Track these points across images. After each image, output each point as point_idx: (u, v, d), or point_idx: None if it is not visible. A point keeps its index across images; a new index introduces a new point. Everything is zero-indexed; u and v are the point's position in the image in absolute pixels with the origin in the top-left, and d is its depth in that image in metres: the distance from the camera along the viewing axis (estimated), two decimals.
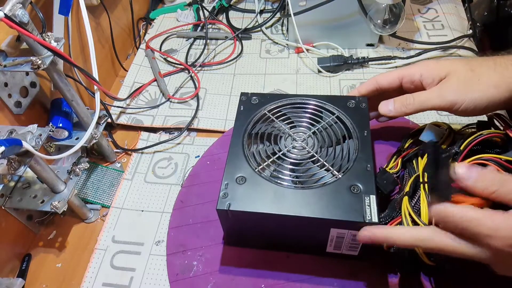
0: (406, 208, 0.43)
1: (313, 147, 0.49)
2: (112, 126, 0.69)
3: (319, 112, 0.53)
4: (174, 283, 0.50)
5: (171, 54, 0.81)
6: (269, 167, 0.47)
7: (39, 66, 0.46)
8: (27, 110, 0.55)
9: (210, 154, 0.63)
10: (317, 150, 0.49)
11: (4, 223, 0.52)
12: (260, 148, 0.49)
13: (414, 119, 0.63)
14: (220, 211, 0.43)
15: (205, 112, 0.70)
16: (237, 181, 0.45)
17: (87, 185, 0.62)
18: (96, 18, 0.72)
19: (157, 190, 0.61)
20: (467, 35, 0.76)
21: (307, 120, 0.52)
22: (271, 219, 0.43)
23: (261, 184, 0.45)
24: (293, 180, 0.45)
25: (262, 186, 0.44)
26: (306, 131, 0.51)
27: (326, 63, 0.74)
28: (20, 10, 0.42)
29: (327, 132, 0.50)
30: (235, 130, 0.51)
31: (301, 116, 0.53)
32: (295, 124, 0.52)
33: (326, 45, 0.78)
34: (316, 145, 0.49)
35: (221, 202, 0.43)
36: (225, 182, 0.45)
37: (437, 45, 0.74)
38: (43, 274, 0.54)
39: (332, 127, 0.51)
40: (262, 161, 0.48)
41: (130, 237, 0.56)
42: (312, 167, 0.47)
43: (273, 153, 0.49)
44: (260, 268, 0.50)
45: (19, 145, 0.42)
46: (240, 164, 0.47)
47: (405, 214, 0.43)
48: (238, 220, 0.45)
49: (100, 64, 0.73)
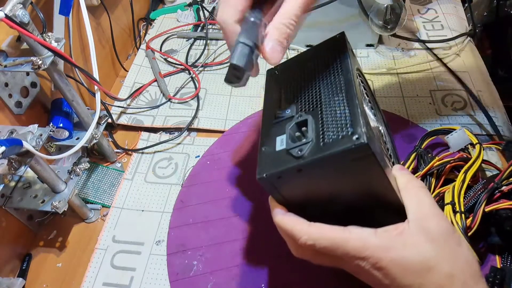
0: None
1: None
2: (112, 126, 0.69)
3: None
4: (174, 282, 0.50)
5: (172, 54, 0.82)
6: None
7: (39, 66, 0.46)
8: (28, 110, 0.55)
9: (210, 154, 0.63)
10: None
11: (5, 223, 0.52)
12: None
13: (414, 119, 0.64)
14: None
15: (205, 112, 0.70)
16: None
17: (87, 185, 0.62)
18: (96, 19, 0.72)
19: (157, 190, 0.61)
20: (467, 33, 0.76)
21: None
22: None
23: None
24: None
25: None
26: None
27: None
28: (20, 10, 0.42)
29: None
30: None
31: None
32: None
33: None
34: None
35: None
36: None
37: (437, 45, 0.74)
38: (44, 274, 0.54)
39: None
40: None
41: (131, 237, 0.56)
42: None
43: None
44: (260, 268, 0.50)
45: (19, 145, 0.42)
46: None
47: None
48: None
49: (101, 64, 0.73)
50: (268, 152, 0.37)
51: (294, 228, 0.35)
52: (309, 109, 0.38)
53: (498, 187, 0.45)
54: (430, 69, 0.72)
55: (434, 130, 0.56)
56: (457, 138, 0.53)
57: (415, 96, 0.68)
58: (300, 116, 0.37)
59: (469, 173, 0.48)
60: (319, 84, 0.40)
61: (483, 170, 0.55)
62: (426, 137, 0.56)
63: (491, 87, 0.67)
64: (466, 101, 0.66)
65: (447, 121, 0.64)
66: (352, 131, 0.32)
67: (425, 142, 0.55)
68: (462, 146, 0.53)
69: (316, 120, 0.36)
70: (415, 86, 0.70)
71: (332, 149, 0.32)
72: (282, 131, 0.37)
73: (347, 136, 0.32)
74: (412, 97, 0.68)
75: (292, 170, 0.34)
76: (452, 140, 0.53)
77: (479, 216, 0.44)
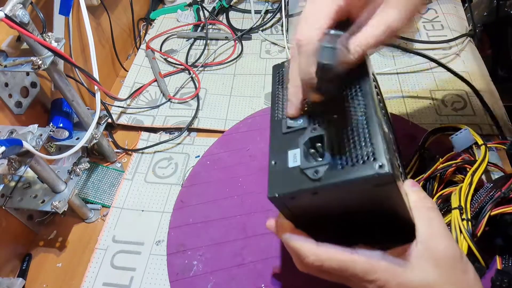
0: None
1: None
2: (112, 126, 0.69)
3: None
4: (174, 282, 0.50)
5: (172, 54, 0.82)
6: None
7: (39, 66, 0.46)
8: (28, 110, 0.55)
9: (210, 154, 0.63)
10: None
11: (5, 223, 0.52)
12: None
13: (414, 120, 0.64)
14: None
15: (205, 112, 0.70)
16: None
17: (87, 185, 0.62)
18: (96, 19, 0.72)
19: (157, 190, 0.61)
20: (467, 34, 0.76)
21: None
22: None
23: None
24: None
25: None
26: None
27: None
28: (20, 10, 0.42)
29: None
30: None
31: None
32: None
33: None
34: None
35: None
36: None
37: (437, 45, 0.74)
38: (44, 274, 0.54)
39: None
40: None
41: (131, 237, 0.56)
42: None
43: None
44: (260, 268, 0.50)
45: (19, 145, 0.42)
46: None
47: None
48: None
49: (101, 64, 0.73)
50: (280, 169, 0.34)
51: (302, 247, 0.35)
52: (322, 121, 0.35)
53: (505, 196, 0.45)
54: (430, 69, 0.72)
55: (437, 128, 0.56)
56: (462, 138, 0.52)
57: (415, 96, 0.68)
58: (314, 130, 0.35)
59: (476, 175, 0.47)
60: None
61: (487, 171, 0.55)
62: (428, 136, 0.55)
63: (491, 87, 0.67)
64: (466, 101, 0.66)
65: (447, 121, 0.64)
66: (374, 157, 0.30)
67: (428, 141, 0.55)
68: (466, 146, 0.53)
69: (331, 137, 0.34)
70: (415, 86, 0.70)
71: (352, 175, 0.30)
72: (295, 145, 0.35)
73: (369, 162, 0.30)
74: (412, 97, 0.68)
75: (307, 192, 0.32)
76: (457, 140, 0.53)
77: (482, 224, 0.44)
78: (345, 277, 0.34)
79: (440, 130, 0.56)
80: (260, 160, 0.61)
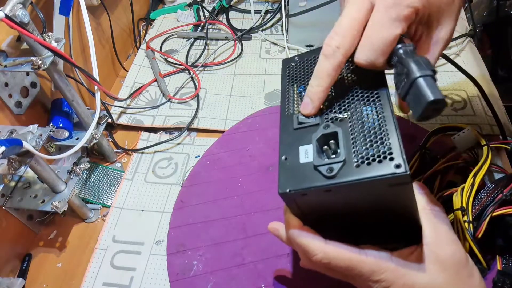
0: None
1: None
2: (112, 126, 0.69)
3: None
4: (174, 282, 0.50)
5: (172, 54, 0.82)
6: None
7: (39, 66, 0.46)
8: (28, 110, 0.55)
9: (210, 154, 0.63)
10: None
11: (5, 223, 0.52)
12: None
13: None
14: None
15: (205, 112, 0.70)
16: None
17: (87, 185, 0.62)
18: (96, 19, 0.72)
19: (157, 190, 0.61)
20: (467, 34, 0.76)
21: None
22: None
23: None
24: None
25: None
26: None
27: None
28: (20, 10, 0.42)
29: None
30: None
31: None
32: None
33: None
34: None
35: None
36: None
37: None
38: (44, 274, 0.54)
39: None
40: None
41: (131, 237, 0.56)
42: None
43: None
44: (260, 268, 0.50)
45: (19, 145, 0.42)
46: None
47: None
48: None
49: (101, 64, 0.73)
50: (291, 164, 0.34)
51: (310, 244, 0.35)
52: (336, 118, 0.35)
53: (507, 199, 0.45)
54: None
55: (438, 128, 0.56)
56: (464, 138, 0.52)
57: None
58: (328, 127, 0.34)
59: (478, 176, 0.47)
60: (346, 86, 0.37)
61: (488, 171, 0.55)
62: (430, 136, 0.55)
63: (491, 87, 0.67)
64: (466, 101, 0.66)
65: (447, 121, 0.64)
66: (390, 156, 0.29)
67: (429, 141, 0.55)
68: (469, 146, 0.53)
69: (346, 134, 0.33)
70: None
71: (368, 174, 0.30)
72: (307, 141, 0.34)
73: (385, 161, 0.30)
74: None
75: (320, 189, 0.31)
76: (459, 141, 0.53)
77: (484, 226, 0.44)
78: (350, 275, 0.34)
79: (441, 130, 0.56)
80: (260, 160, 0.61)
